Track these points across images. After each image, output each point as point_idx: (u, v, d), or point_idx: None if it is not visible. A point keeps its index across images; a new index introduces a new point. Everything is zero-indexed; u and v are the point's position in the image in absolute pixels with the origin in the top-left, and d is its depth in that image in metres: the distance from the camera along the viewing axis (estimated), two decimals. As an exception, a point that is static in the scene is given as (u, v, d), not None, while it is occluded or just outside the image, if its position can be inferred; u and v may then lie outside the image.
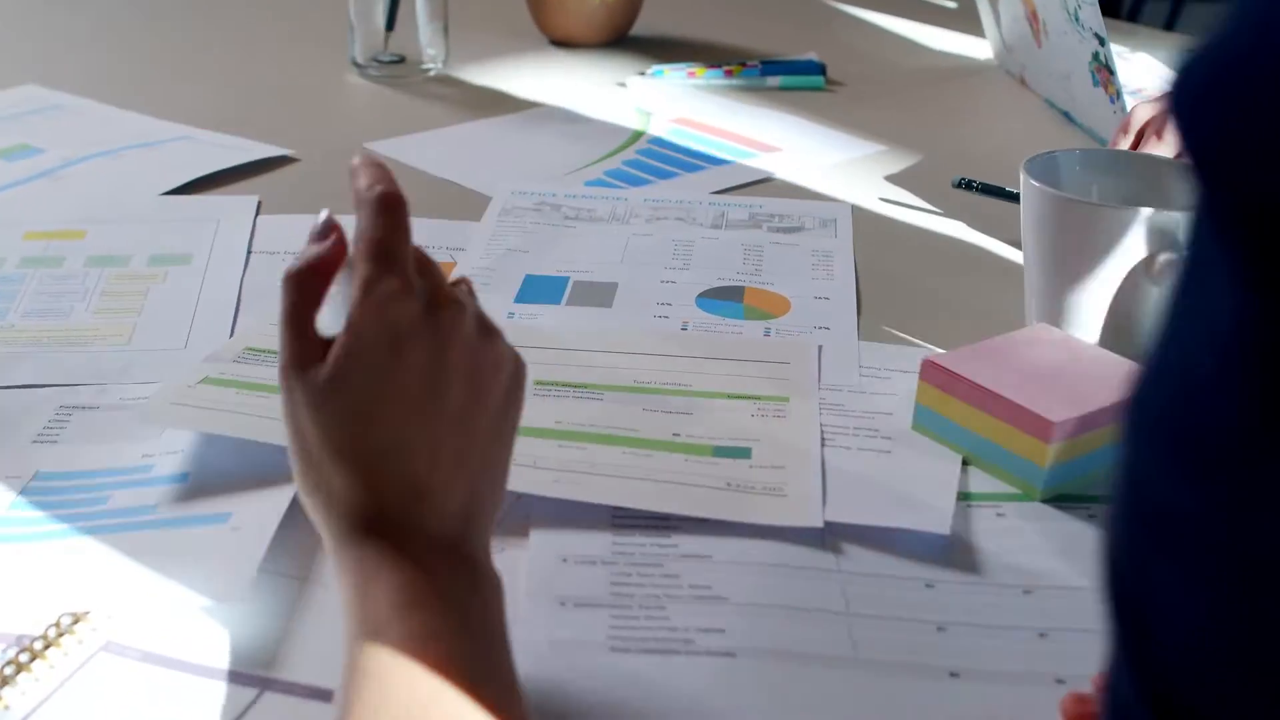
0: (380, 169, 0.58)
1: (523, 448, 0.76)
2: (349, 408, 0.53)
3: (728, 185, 1.22)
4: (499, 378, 0.57)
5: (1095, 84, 1.26)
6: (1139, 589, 0.33)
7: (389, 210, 0.56)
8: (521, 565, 0.69)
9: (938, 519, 0.73)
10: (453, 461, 0.54)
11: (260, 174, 1.22)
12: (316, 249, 0.58)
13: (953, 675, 0.63)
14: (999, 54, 1.57)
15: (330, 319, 0.56)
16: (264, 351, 0.87)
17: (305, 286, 0.57)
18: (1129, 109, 1.13)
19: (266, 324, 0.91)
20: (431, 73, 1.50)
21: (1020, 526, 0.74)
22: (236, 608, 0.65)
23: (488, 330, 0.57)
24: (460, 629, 0.51)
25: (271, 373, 0.82)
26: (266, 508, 0.71)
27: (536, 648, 0.63)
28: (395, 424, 0.53)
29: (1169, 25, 2.85)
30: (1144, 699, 0.33)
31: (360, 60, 1.50)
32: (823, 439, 0.81)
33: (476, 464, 0.56)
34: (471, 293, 0.60)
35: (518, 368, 0.58)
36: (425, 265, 0.58)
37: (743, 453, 0.79)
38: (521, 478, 0.74)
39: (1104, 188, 0.91)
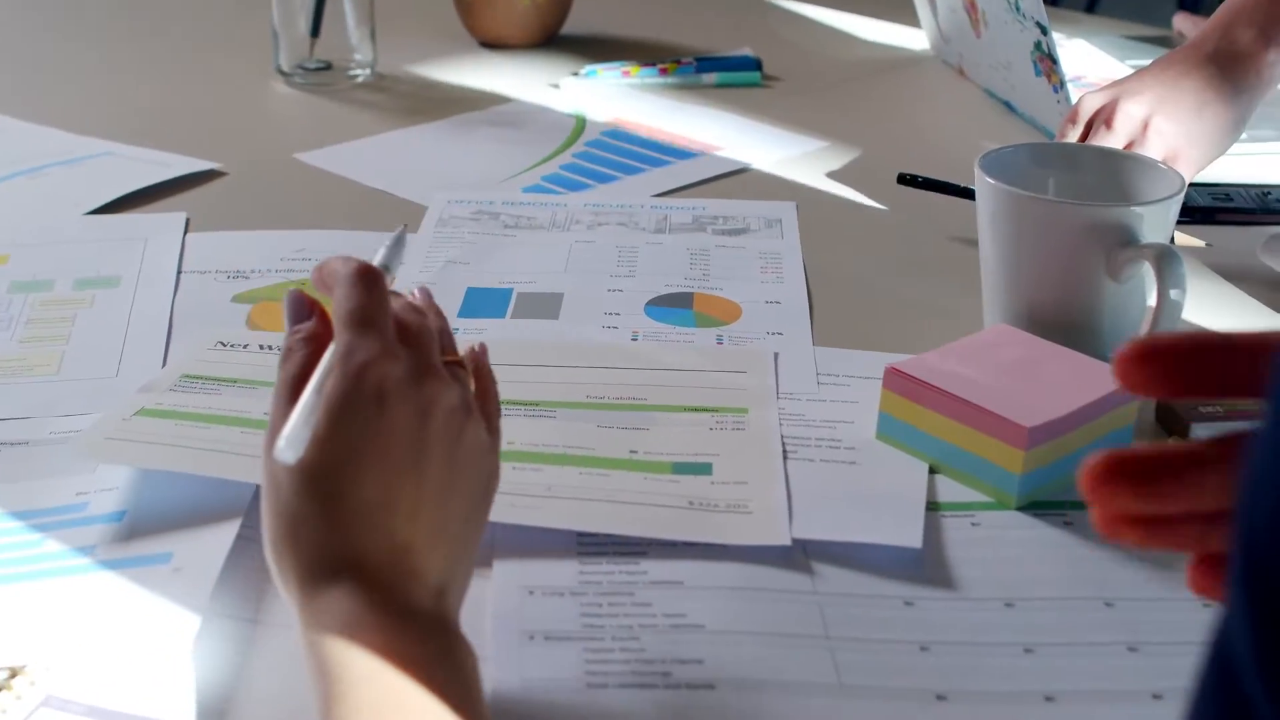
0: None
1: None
2: (336, 460, 0.53)
3: (668, 187, 1.19)
4: (478, 462, 0.57)
5: (1038, 74, 1.25)
6: None
7: (365, 281, 0.57)
8: (486, 598, 0.66)
9: (909, 532, 0.71)
10: (431, 528, 0.54)
11: (187, 189, 1.18)
12: (308, 325, 0.59)
13: (940, 698, 0.61)
14: (935, 44, 1.55)
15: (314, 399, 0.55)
16: (201, 379, 0.83)
17: (299, 360, 0.57)
18: (1074, 99, 1.11)
19: (202, 349, 0.88)
20: (360, 79, 1.47)
21: (996, 536, 0.72)
22: (184, 654, 0.62)
23: (470, 411, 0.57)
24: (440, 690, 0.49)
25: (210, 400, 0.80)
26: (210, 546, 0.68)
27: (509, 687, 0.60)
28: (380, 480, 0.53)
29: (1090, 8, 2.86)
30: (1265, 668, 0.30)
31: (285, 68, 1.46)
32: (785, 451, 0.78)
33: (452, 538, 0.55)
34: (467, 374, 0.61)
35: (495, 468, 0.59)
36: (415, 338, 0.58)
37: (703, 469, 0.76)
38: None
39: (1060, 183, 0.89)
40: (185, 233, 1.08)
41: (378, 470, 0.53)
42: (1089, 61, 1.50)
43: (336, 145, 1.28)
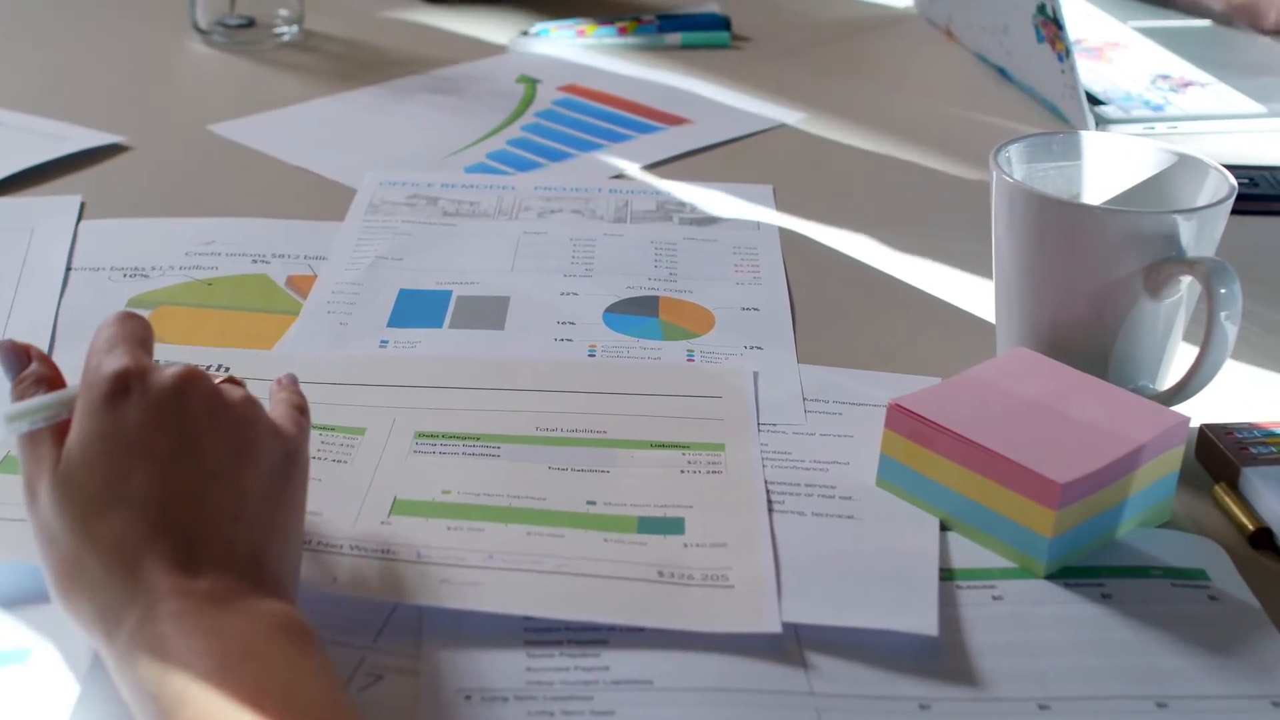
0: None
1: (402, 531, 0.62)
2: (91, 463, 0.52)
3: (628, 167, 1.07)
4: (261, 440, 0.55)
5: (1040, 39, 1.12)
6: None
7: (115, 320, 0.58)
8: (412, 702, 0.54)
9: (922, 615, 0.59)
10: (221, 511, 0.52)
11: (83, 167, 1.04)
12: (33, 369, 0.59)
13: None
14: (920, 2, 1.43)
15: None
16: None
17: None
18: (1080, 70, 0.99)
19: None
20: (285, 38, 1.33)
21: (1024, 614, 0.60)
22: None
23: (239, 394, 0.55)
24: (280, 672, 0.48)
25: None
26: (75, 638, 0.55)
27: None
28: (144, 474, 0.52)
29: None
30: None
31: (203, 25, 1.32)
32: (770, 501, 0.66)
33: (253, 515, 0.53)
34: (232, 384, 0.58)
35: (293, 449, 0.56)
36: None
37: (674, 526, 0.64)
38: (402, 578, 0.59)
39: (1087, 179, 0.77)
40: (79, 220, 0.94)
41: (141, 464, 0.52)
42: (1089, 23, 1.38)
43: (257, 115, 1.15)
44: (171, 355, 0.76)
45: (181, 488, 0.52)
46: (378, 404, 0.73)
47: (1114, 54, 1.28)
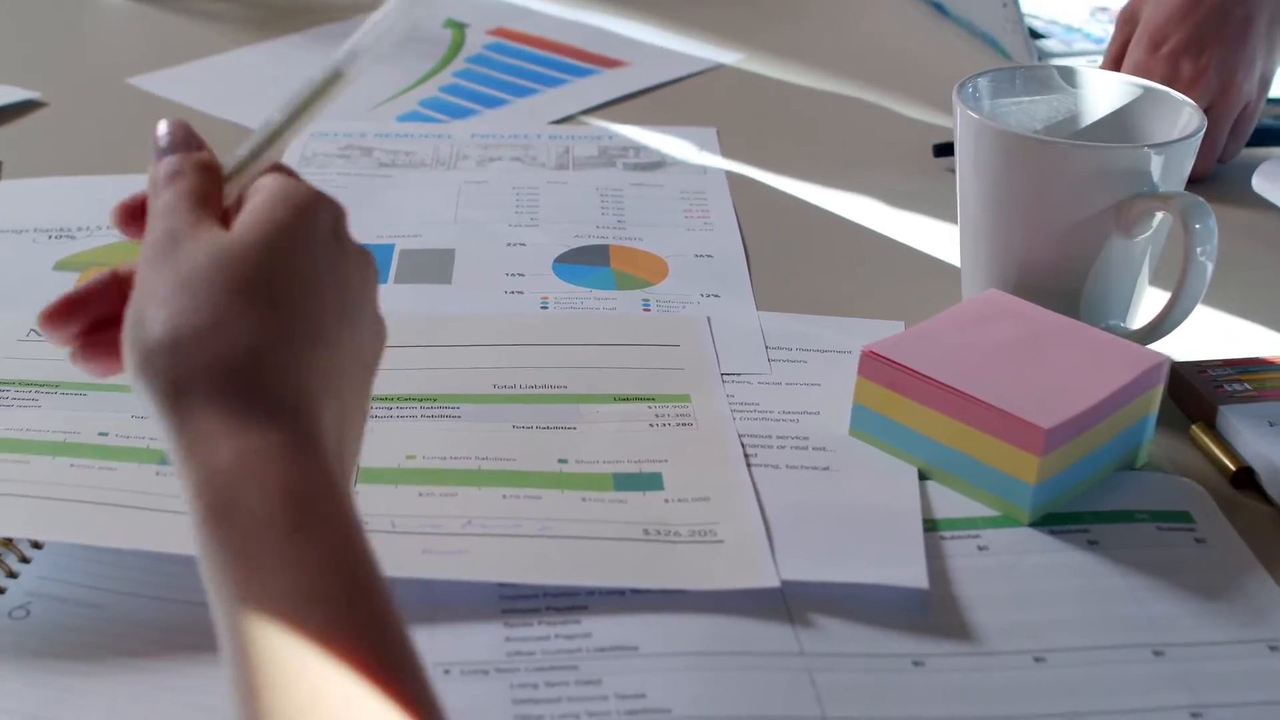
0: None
1: (372, 500, 0.59)
2: (270, 248, 0.45)
3: (568, 112, 1.04)
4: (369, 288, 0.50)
5: (978, -27, 1.11)
6: None
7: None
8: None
9: (910, 567, 0.57)
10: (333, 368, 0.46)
11: (-1, 125, 1.00)
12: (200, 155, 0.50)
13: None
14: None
15: None
16: (11, 384, 0.67)
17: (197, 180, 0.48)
18: (1022, 4, 0.97)
19: (11, 340, 0.71)
20: (200, -14, 1.28)
21: (1011, 564, 0.59)
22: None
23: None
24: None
25: (24, 418, 0.63)
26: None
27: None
28: (306, 273, 0.46)
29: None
30: None
31: (115, -28, 1.27)
32: (745, 454, 0.64)
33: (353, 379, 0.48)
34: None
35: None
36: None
37: (652, 482, 0.62)
38: (380, 551, 0.56)
39: (1053, 114, 0.75)
40: (-3, 180, 0.90)
41: (303, 264, 0.46)
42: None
43: (177, 67, 1.11)
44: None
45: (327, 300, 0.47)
46: (325, 366, 0.70)
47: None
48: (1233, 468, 0.64)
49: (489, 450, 0.64)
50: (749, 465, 0.63)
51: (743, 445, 0.65)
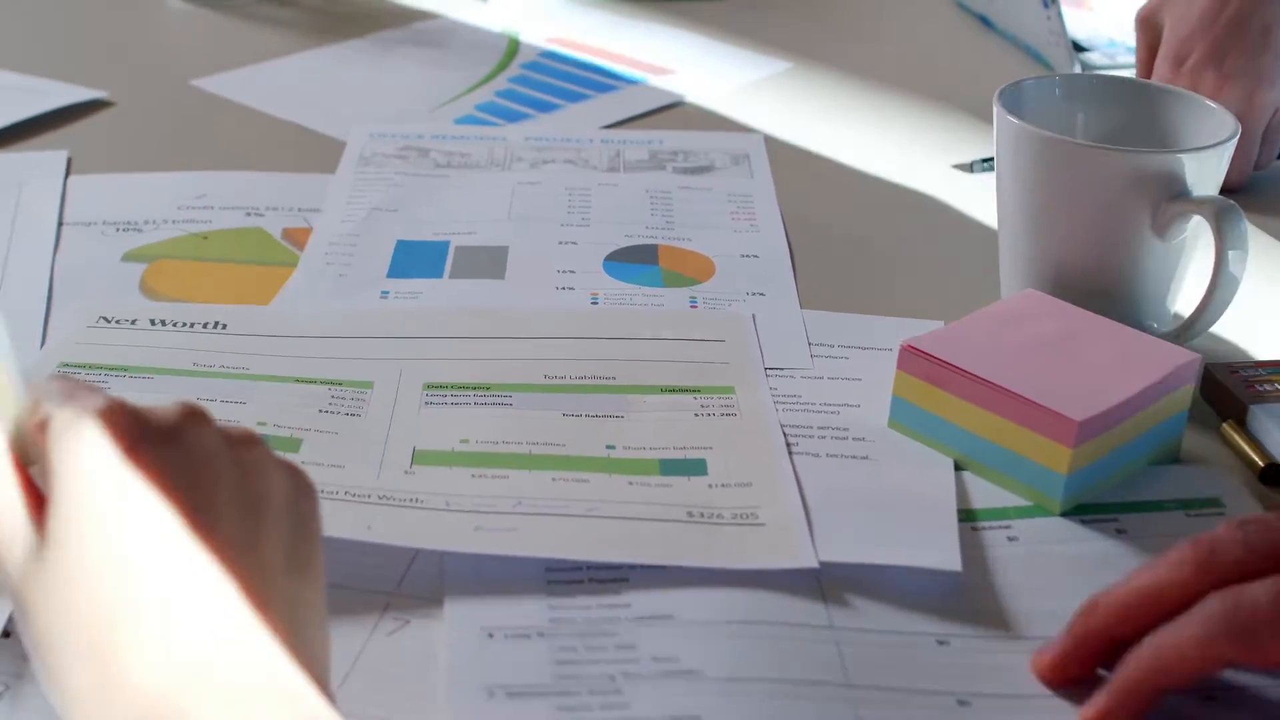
0: None
1: (428, 481, 0.62)
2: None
3: (618, 118, 1.06)
4: (277, 491, 0.45)
5: (1024, -14, 1.12)
6: None
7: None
8: (437, 644, 0.54)
9: (944, 551, 0.59)
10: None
11: (68, 123, 1.03)
12: None
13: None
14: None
15: None
16: (83, 367, 0.70)
17: None
18: (1065, 16, 0.99)
19: (81, 326, 0.74)
20: (262, -8, 1.31)
21: (1041, 553, 0.61)
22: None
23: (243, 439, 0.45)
24: None
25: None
26: None
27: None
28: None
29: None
30: None
31: (179, -20, 1.30)
32: (787, 443, 0.66)
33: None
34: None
35: (299, 480, 0.46)
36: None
37: (697, 467, 0.64)
38: (434, 527, 0.59)
39: (1090, 121, 0.77)
40: (67, 175, 0.93)
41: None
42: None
43: (239, 70, 1.14)
44: (171, 311, 0.76)
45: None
46: (382, 356, 0.72)
47: (1094, 1, 1.28)
48: (1261, 464, 0.66)
49: (539, 436, 0.66)
50: (790, 454, 0.65)
51: (785, 435, 0.67)
